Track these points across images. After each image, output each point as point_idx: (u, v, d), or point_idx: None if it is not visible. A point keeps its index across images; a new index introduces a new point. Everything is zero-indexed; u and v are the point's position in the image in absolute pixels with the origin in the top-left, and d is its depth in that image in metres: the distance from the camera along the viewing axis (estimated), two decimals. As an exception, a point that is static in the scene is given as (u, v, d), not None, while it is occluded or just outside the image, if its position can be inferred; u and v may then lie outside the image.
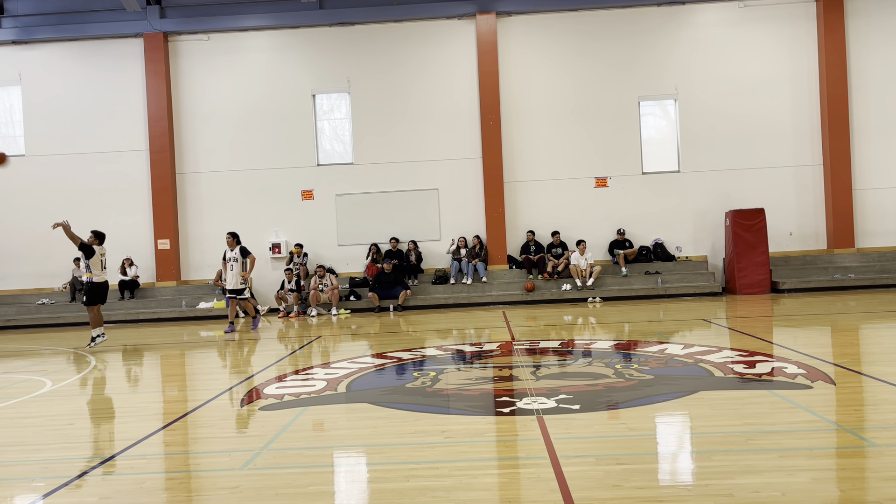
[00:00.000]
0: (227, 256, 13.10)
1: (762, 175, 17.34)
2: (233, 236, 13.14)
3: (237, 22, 17.91)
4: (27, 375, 9.12)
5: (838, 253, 16.99)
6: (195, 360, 10.53)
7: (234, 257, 13.02)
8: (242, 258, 13.01)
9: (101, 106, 18.13)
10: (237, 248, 13.05)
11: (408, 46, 17.91)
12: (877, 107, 17.17)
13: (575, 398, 6.05)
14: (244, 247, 13.20)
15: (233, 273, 13.06)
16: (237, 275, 13.01)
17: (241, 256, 12.99)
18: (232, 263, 13.06)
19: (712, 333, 10.37)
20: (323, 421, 5.85)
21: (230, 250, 13.08)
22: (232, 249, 13.06)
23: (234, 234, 13.18)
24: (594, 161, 17.69)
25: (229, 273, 13.11)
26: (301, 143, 18.03)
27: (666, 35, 17.58)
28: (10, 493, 4.35)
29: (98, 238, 11.80)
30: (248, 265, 13.12)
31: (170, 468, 4.86)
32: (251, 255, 13.21)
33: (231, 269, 13.08)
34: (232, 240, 13.10)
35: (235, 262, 13.02)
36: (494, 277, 17.21)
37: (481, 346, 9.89)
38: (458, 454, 4.68)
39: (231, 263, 13.07)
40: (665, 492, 3.83)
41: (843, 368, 6.87)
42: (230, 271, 13.09)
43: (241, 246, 13.12)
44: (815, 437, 4.74)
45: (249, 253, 13.19)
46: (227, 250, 13.12)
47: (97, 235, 11.81)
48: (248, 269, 13.13)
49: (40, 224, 18.06)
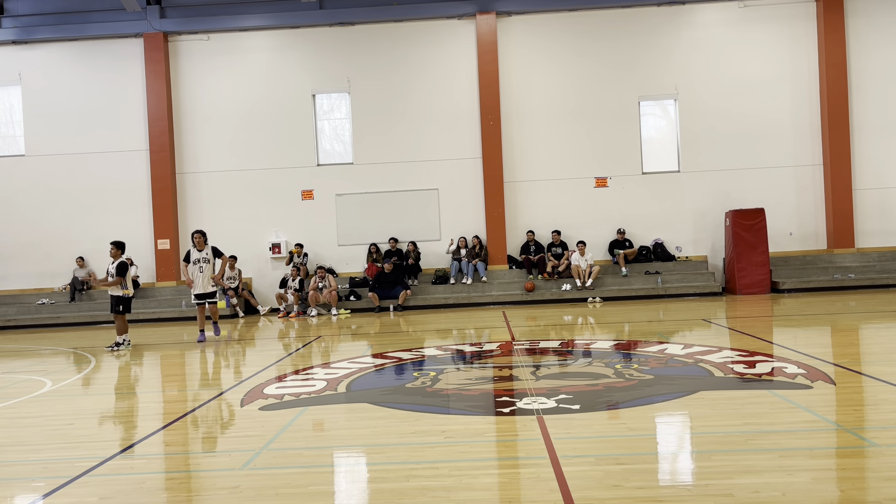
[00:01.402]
0: (196, 257, 11.93)
1: (762, 175, 17.34)
2: (202, 235, 12.04)
3: (237, 22, 17.91)
4: (27, 375, 9.12)
5: (838, 253, 16.98)
6: (195, 360, 10.53)
7: (205, 258, 11.95)
8: (215, 259, 12.06)
9: (101, 106, 18.13)
10: (207, 247, 12.00)
11: (408, 46, 17.91)
12: (877, 107, 17.18)
13: (575, 398, 6.05)
14: (215, 247, 12.20)
15: (203, 275, 11.94)
16: (208, 277, 11.96)
17: (214, 257, 12.03)
18: (202, 265, 11.94)
19: (712, 333, 10.37)
20: (323, 421, 5.86)
21: (198, 250, 11.95)
22: (201, 249, 11.94)
23: (202, 233, 12.08)
24: (594, 161, 17.69)
25: (199, 276, 11.94)
26: (301, 143, 18.03)
27: (666, 35, 17.58)
28: (10, 493, 4.35)
29: (121, 249, 11.48)
30: (220, 267, 12.13)
31: (170, 468, 4.86)
32: (224, 255, 12.25)
33: (202, 272, 11.95)
34: (201, 239, 11.98)
35: (206, 264, 11.94)
36: (494, 277, 17.21)
37: (481, 346, 9.89)
38: (458, 454, 4.68)
39: (201, 265, 11.94)
40: (665, 492, 3.83)
41: (843, 368, 6.87)
42: (200, 273, 11.93)
43: (212, 245, 12.11)
44: (815, 437, 4.74)
45: (222, 254, 12.21)
46: (194, 250, 11.97)
47: (119, 246, 11.48)
48: (219, 271, 12.13)
49: (40, 224, 18.14)
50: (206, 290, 12.02)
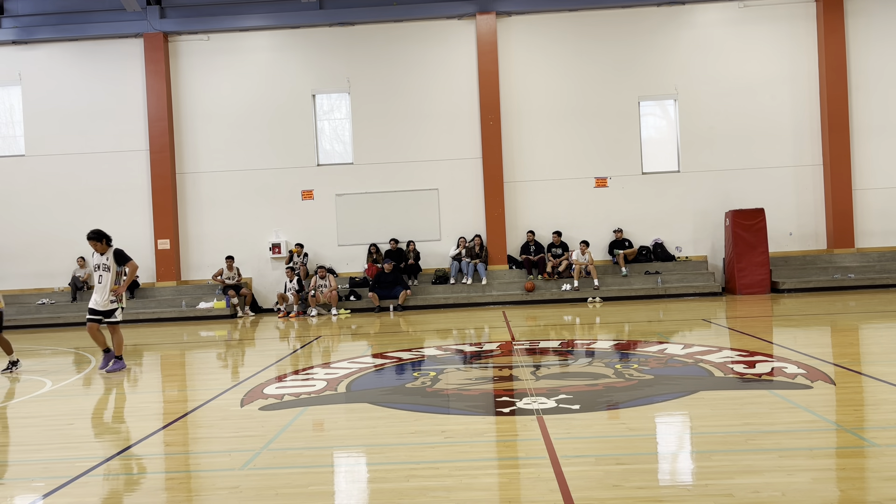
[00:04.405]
0: (96, 263, 9.14)
1: (762, 175, 17.34)
2: (99, 237, 9.05)
3: (237, 22, 17.91)
4: (27, 375, 9.12)
5: (838, 253, 16.98)
6: (195, 360, 10.53)
7: (105, 265, 9.04)
8: (118, 266, 9.09)
9: (102, 106, 18.13)
10: (109, 251, 9.08)
11: (408, 46, 17.91)
12: (877, 107, 17.17)
13: (575, 398, 6.05)
14: (120, 250, 9.18)
15: (101, 286, 9.04)
16: (106, 288, 9.01)
17: (117, 264, 9.07)
18: (101, 273, 9.06)
19: (712, 333, 10.37)
20: (323, 421, 5.85)
21: (98, 254, 9.12)
22: (102, 254, 9.07)
23: (100, 234, 9.08)
24: (594, 161, 17.69)
25: (97, 286, 9.10)
26: (301, 143, 18.03)
27: (666, 35, 17.58)
28: (10, 493, 4.35)
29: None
30: (127, 275, 9.12)
31: (170, 468, 4.86)
32: (131, 261, 9.19)
33: (99, 282, 9.06)
34: (98, 242, 9.04)
35: (106, 272, 9.03)
36: (494, 277, 17.20)
37: (481, 346, 9.89)
38: (458, 454, 4.68)
39: (100, 273, 9.06)
40: (665, 492, 3.83)
41: (843, 368, 6.87)
42: (98, 283, 9.08)
43: (115, 249, 9.15)
44: (815, 437, 4.74)
45: (129, 259, 9.19)
46: (95, 255, 9.15)
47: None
48: (123, 281, 9.11)
49: (40, 224, 18.14)
50: (103, 306, 9.06)
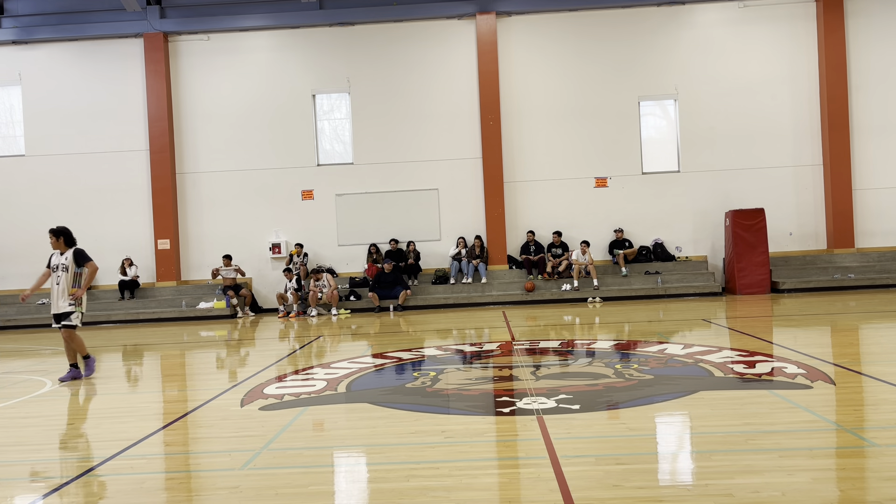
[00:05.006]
0: (55, 263, 8.59)
1: (762, 175, 17.34)
2: (58, 235, 8.58)
3: (237, 22, 17.91)
4: (27, 375, 9.12)
5: (838, 253, 16.98)
6: (195, 360, 10.53)
7: (64, 265, 8.51)
8: (77, 267, 8.51)
9: (102, 106, 18.12)
10: (69, 251, 8.56)
11: (408, 46, 17.91)
12: (877, 107, 17.17)
13: (575, 398, 6.05)
14: (81, 249, 8.63)
15: (59, 288, 8.48)
16: (65, 290, 8.47)
17: (76, 265, 8.50)
18: (59, 274, 8.51)
19: (712, 333, 10.37)
20: (323, 421, 5.85)
21: (58, 253, 8.61)
22: (62, 253, 8.58)
23: (60, 231, 8.62)
24: (594, 161, 17.69)
25: (54, 287, 8.55)
26: (301, 143, 18.03)
27: (666, 35, 17.58)
28: (10, 493, 4.35)
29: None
30: (85, 278, 8.53)
31: (170, 468, 4.86)
32: (91, 262, 8.61)
33: (57, 283, 8.51)
34: (58, 240, 8.57)
35: (64, 273, 8.49)
36: (494, 277, 17.20)
37: (481, 346, 9.89)
38: (458, 454, 4.68)
39: (58, 274, 8.52)
40: (665, 492, 3.83)
41: (843, 368, 6.87)
42: (56, 285, 8.52)
43: (75, 248, 8.60)
44: (815, 437, 4.74)
45: (89, 259, 8.61)
46: (55, 254, 8.64)
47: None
48: (82, 282, 8.52)
49: (40, 224, 18.03)
50: (61, 308, 8.50)
